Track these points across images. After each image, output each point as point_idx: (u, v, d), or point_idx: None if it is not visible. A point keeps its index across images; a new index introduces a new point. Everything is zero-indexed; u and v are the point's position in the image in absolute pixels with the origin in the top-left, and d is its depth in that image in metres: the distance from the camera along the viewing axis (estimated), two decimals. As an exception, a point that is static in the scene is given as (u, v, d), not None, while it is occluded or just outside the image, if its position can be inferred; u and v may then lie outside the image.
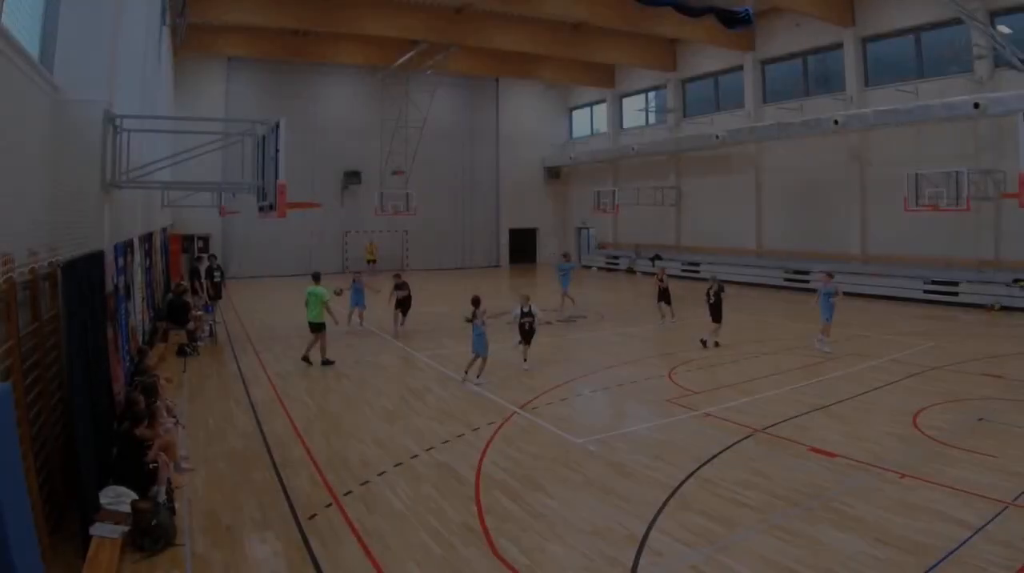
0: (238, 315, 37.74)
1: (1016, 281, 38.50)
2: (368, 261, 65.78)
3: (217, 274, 36.42)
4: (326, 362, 26.36)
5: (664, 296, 34.72)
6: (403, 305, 32.86)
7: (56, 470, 12.24)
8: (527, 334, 25.41)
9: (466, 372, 23.54)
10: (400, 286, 32.27)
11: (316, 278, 27.76)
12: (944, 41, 41.43)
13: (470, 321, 23.86)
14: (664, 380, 23.54)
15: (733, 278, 53.81)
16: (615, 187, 68.00)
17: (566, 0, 48.28)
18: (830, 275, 28.44)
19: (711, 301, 29.54)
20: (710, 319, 29.61)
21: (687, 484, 14.43)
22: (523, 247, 78.53)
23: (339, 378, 24.87)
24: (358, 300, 33.74)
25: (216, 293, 36.06)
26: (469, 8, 51.92)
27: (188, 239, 59.20)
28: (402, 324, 32.77)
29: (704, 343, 28.89)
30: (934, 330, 32.54)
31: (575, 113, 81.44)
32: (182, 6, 39.22)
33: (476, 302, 23.90)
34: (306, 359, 26.56)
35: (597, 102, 76.85)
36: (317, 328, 26.48)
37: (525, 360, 25.49)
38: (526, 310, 25.10)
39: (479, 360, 23.46)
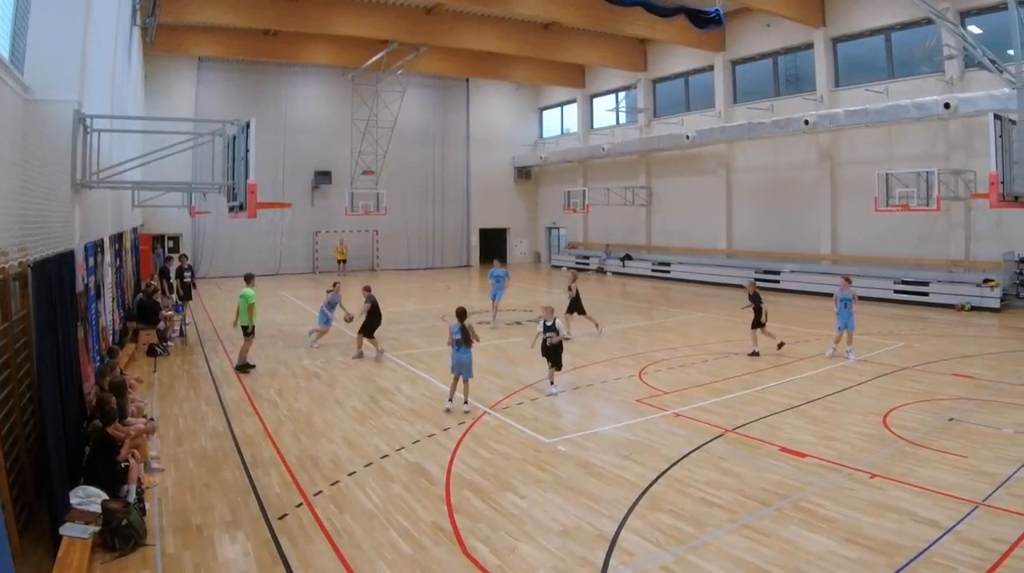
0: (208, 315, 37.71)
1: (986, 281, 38.77)
2: (339, 261, 65.92)
3: (188, 274, 36.10)
4: (243, 366, 25.85)
5: (575, 306, 32.19)
6: (371, 324, 31.98)
7: (26, 470, 12.20)
8: (551, 352, 22.43)
9: (451, 399, 20.74)
10: (368, 300, 31.07)
11: (247, 279, 27.11)
12: (914, 41, 41.51)
13: (462, 342, 20.31)
14: (634, 380, 23.59)
15: (703, 278, 55.02)
16: (585, 187, 68.17)
17: (537, 0, 48.20)
18: (848, 279, 27.92)
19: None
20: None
21: (657, 484, 14.49)
22: (494, 247, 77.43)
23: (309, 378, 24.85)
24: (326, 319, 31.46)
25: (187, 293, 35.78)
26: (440, 8, 52.12)
27: (158, 239, 58.91)
28: (380, 351, 29.14)
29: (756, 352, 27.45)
30: (904, 330, 32.69)
31: (545, 113, 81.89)
32: (152, 6, 39.10)
33: (462, 314, 20.94)
34: (246, 366, 26.13)
35: (567, 102, 77.22)
36: (245, 331, 26.02)
37: (552, 383, 22.54)
38: (549, 324, 22.26)
39: (465, 383, 20.74)
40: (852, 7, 46.59)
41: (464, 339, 20.23)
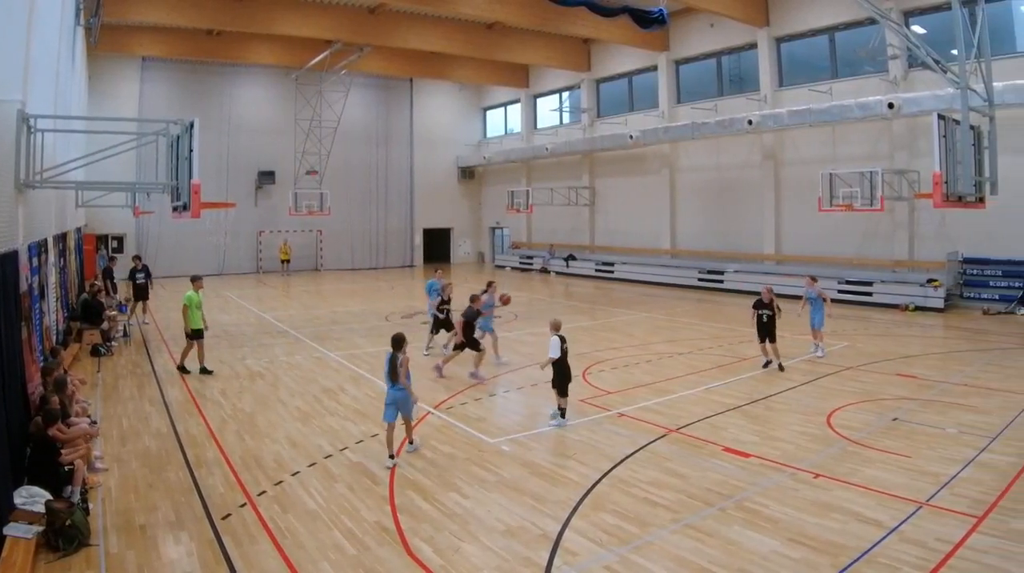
0: (152, 315, 37.26)
1: (930, 281, 39.18)
2: (282, 261, 66.03)
3: (141, 275, 35.36)
4: (203, 370, 25.34)
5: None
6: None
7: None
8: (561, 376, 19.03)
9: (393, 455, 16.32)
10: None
11: (193, 281, 26.30)
12: (858, 41, 41.52)
13: (395, 378, 16.36)
14: (578, 380, 22.80)
15: (647, 278, 55.28)
16: (529, 187, 67.90)
17: (480, 0, 48.15)
18: (814, 279, 28.16)
19: (764, 320, 25.58)
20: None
21: (601, 484, 14.57)
22: (437, 247, 79.05)
23: (253, 378, 24.77)
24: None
25: (139, 294, 35.30)
26: (383, 8, 52.22)
27: (102, 239, 58.48)
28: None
29: (780, 366, 25.31)
30: (848, 330, 32.85)
31: (489, 113, 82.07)
32: (96, 6, 38.67)
33: (397, 343, 16.95)
34: (204, 370, 25.38)
35: (511, 102, 77.59)
36: (194, 334, 25.42)
37: (562, 413, 19.06)
38: (565, 346, 18.92)
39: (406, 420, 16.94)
40: (796, 7, 46.93)
41: (391, 373, 16.36)
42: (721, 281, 49.87)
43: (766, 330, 25.30)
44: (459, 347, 24.55)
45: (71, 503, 12.35)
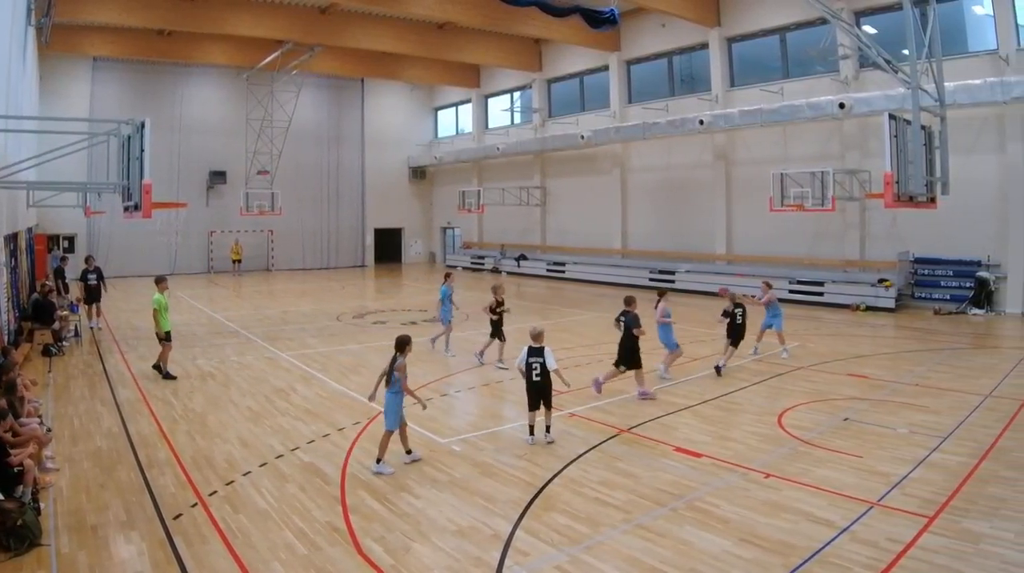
0: (105, 318, 36.84)
1: (881, 281, 39.48)
2: (233, 261, 66.06)
3: (92, 277, 34.26)
4: (166, 375, 24.83)
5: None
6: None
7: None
8: (539, 389, 17.26)
9: (379, 460, 15.72)
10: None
11: (157, 282, 25.69)
12: (809, 41, 41.90)
13: (389, 380, 15.74)
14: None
15: (598, 278, 55.48)
16: (480, 187, 68.35)
17: (431, 0, 48.27)
18: (769, 285, 28.07)
19: (738, 320, 25.25)
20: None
21: (552, 484, 14.58)
22: (388, 247, 79.53)
23: (204, 378, 24.65)
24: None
25: (91, 296, 34.29)
26: (334, 8, 52.24)
27: (54, 239, 58.07)
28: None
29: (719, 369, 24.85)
30: (799, 330, 32.91)
31: (440, 113, 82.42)
32: (47, 6, 38.55)
33: (402, 345, 16.18)
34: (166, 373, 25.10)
35: (462, 102, 77.71)
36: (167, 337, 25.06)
37: (547, 430, 17.53)
38: (535, 347, 17.38)
39: (386, 435, 15.80)
40: (747, 7, 47.26)
41: (388, 374, 15.65)
42: (672, 281, 49.77)
43: (739, 332, 25.15)
44: (625, 365, 21.82)
45: (22, 503, 12.21)
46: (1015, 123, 35.82)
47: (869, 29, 40.44)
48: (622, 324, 22.00)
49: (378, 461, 15.56)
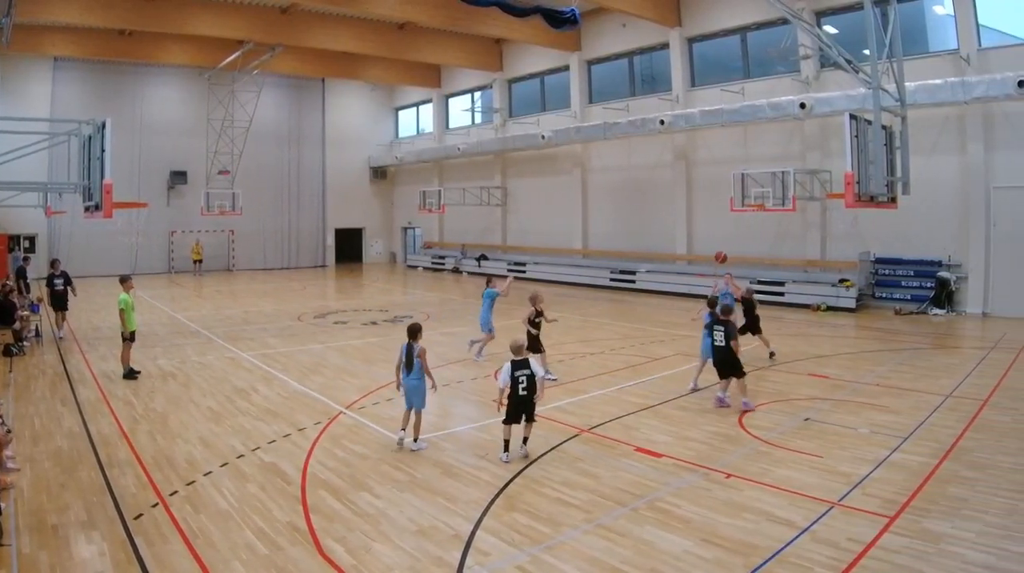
0: (70, 327, 36.36)
1: (841, 281, 39.65)
2: (194, 261, 65.89)
3: (59, 282, 32.76)
4: (129, 373, 24.72)
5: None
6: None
7: None
8: (524, 402, 16.14)
9: (404, 430, 17.15)
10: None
11: (122, 282, 25.45)
12: (770, 41, 42.21)
13: (410, 367, 16.78)
14: (490, 380, 23.42)
15: (559, 278, 55.56)
16: (441, 187, 68.36)
17: (392, 0, 48.42)
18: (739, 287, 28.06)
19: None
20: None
21: (513, 484, 14.57)
22: (349, 247, 79.80)
23: (165, 378, 24.50)
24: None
25: (57, 302, 32.86)
26: (295, 8, 52.23)
27: (15, 239, 57.89)
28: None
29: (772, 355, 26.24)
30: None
31: (401, 113, 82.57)
32: (8, 6, 38.34)
33: (414, 333, 17.03)
34: (135, 372, 24.99)
35: (423, 102, 77.80)
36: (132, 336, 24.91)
37: (524, 441, 16.50)
38: (519, 360, 16.12)
39: (416, 414, 17.06)
40: (708, 7, 47.39)
41: (407, 363, 16.73)
42: (633, 281, 50.14)
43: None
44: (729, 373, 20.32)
45: (-18, 503, 12.12)
46: (976, 123, 36.06)
47: (830, 29, 40.66)
48: (722, 335, 20.01)
49: (415, 440, 16.81)
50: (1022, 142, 34.85)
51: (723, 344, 20.04)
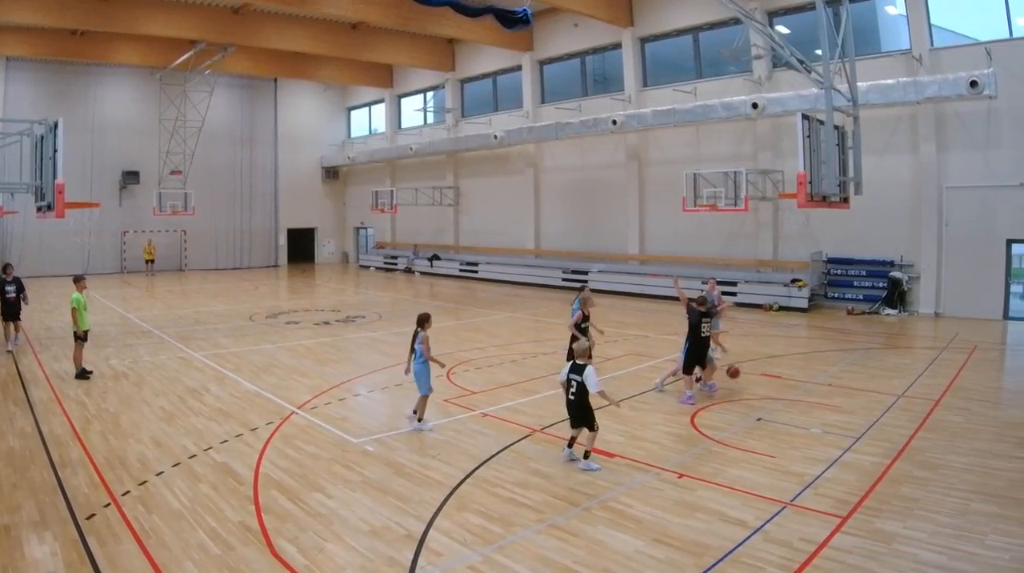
0: (25, 334, 36.14)
1: (794, 281, 39.91)
2: (147, 261, 65.97)
3: (11, 289, 30.45)
4: (81, 374, 24.47)
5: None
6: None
7: None
8: (573, 407, 15.63)
9: (415, 412, 18.51)
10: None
11: (76, 281, 25.24)
12: (723, 41, 42.33)
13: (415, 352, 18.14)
14: (442, 380, 23.20)
15: (511, 278, 56.05)
16: (393, 187, 68.66)
17: (344, 0, 48.42)
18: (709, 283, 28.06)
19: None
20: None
21: (465, 484, 14.58)
22: (302, 247, 79.89)
23: (117, 378, 24.33)
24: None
25: (8, 311, 30.38)
26: (247, 8, 52.19)
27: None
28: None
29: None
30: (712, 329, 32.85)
31: (354, 113, 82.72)
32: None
33: (422, 321, 18.35)
34: (87, 372, 24.82)
35: (375, 102, 78.03)
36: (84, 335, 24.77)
37: (585, 456, 15.57)
38: (576, 364, 15.65)
39: (423, 398, 18.40)
40: (660, 7, 47.66)
41: (411, 348, 18.42)
42: (585, 281, 49.23)
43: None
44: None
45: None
46: (928, 123, 36.42)
47: (782, 29, 40.97)
48: (709, 326, 21.77)
49: (419, 420, 18.21)
50: (974, 142, 35.26)
51: (707, 335, 21.18)
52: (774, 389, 22.36)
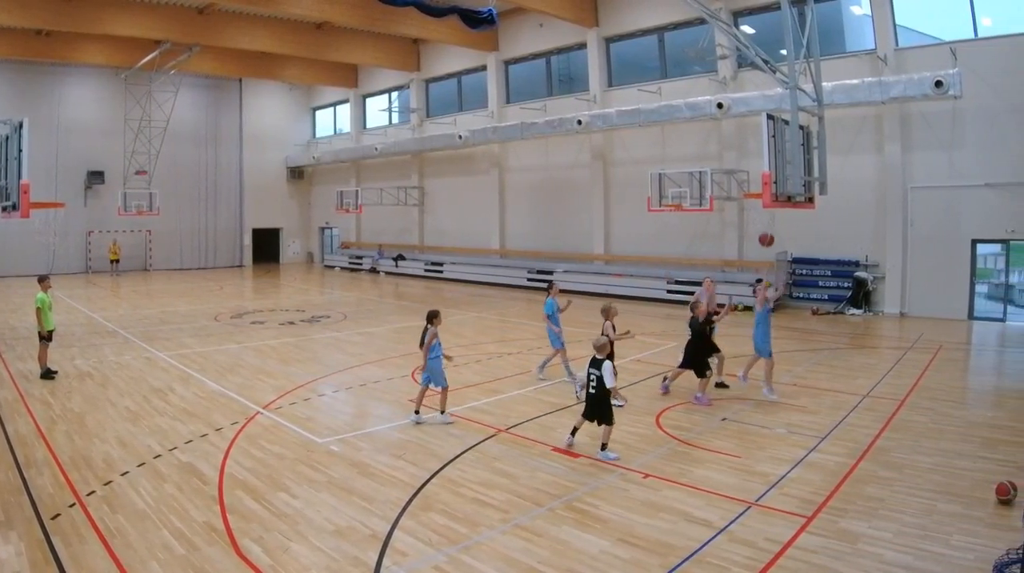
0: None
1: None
2: (112, 261, 65.56)
3: None
4: (46, 374, 24.44)
5: None
6: None
7: None
8: (591, 401, 16.30)
9: (442, 411, 19.15)
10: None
11: (40, 281, 25.17)
12: (688, 41, 42.24)
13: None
14: (407, 380, 23.60)
15: (476, 278, 56.03)
16: (358, 187, 68.38)
17: (309, 0, 48.27)
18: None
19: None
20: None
21: (430, 484, 14.59)
22: (267, 247, 79.72)
23: (82, 378, 24.21)
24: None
25: None
26: (212, 8, 52.12)
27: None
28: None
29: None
30: (677, 330, 33.12)
31: (318, 113, 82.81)
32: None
33: (430, 317, 18.95)
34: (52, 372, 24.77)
35: (340, 102, 78.22)
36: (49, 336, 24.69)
37: (602, 447, 16.19)
38: (598, 359, 16.10)
39: (443, 391, 19.27)
40: (625, 7, 47.74)
41: (423, 346, 19.14)
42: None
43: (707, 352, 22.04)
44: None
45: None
46: (893, 123, 36.69)
47: (747, 29, 41.16)
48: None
49: (441, 412, 19.09)
50: (939, 142, 35.54)
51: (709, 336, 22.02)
52: (739, 389, 22.52)
